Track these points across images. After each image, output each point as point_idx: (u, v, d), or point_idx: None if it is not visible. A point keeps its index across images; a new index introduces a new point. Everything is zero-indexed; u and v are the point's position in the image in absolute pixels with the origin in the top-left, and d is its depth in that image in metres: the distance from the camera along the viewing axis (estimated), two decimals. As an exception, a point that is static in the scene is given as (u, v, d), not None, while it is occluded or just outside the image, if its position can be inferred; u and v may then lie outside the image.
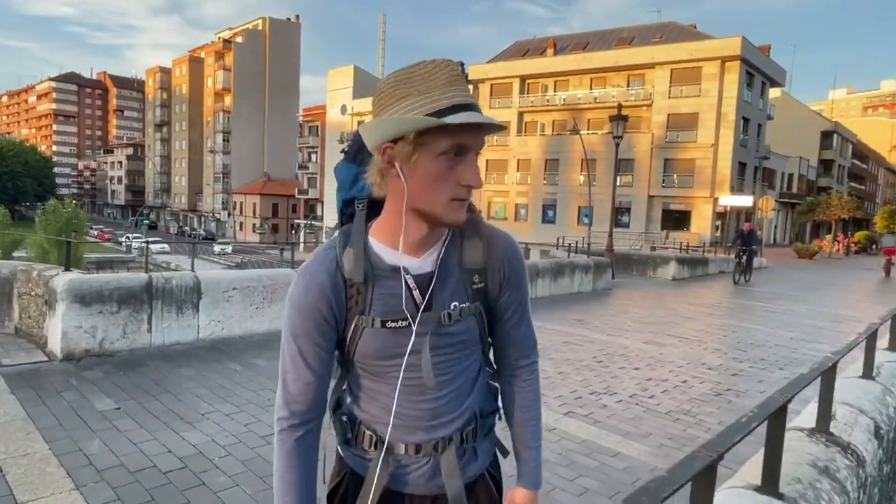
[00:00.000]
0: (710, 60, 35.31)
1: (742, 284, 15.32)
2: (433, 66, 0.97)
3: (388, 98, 0.98)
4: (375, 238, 1.08)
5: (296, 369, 1.07)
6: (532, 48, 45.81)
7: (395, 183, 1.01)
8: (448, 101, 0.95)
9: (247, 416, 3.83)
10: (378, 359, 1.08)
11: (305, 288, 1.05)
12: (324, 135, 58.12)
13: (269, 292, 6.35)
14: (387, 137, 0.97)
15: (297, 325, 1.06)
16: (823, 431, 2.20)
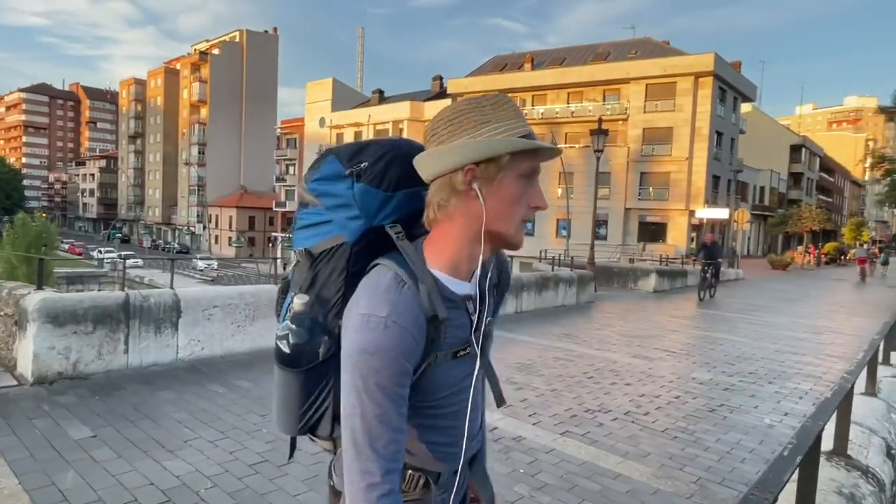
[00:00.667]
0: (684, 76, 36.08)
1: (707, 301, 14.15)
2: (498, 99, 1.02)
3: (463, 123, 0.99)
4: (434, 268, 1.03)
5: (388, 431, 0.96)
6: (510, 63, 46.30)
7: (468, 206, 1.00)
8: (524, 129, 1.00)
9: (232, 443, 3.65)
10: (446, 391, 1.05)
11: (399, 336, 0.95)
12: (302, 147, 57.76)
13: (252, 310, 6.15)
14: (475, 159, 0.97)
15: (386, 379, 0.94)
16: (842, 454, 2.13)
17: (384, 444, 0.95)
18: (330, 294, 1.08)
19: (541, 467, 3.60)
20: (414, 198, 1.07)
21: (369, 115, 49.93)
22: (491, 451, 3.81)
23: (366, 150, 1.08)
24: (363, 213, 1.06)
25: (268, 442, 3.70)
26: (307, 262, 1.09)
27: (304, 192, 1.13)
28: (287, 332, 1.06)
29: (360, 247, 1.07)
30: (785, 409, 5.21)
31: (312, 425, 1.11)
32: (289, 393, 1.10)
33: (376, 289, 0.98)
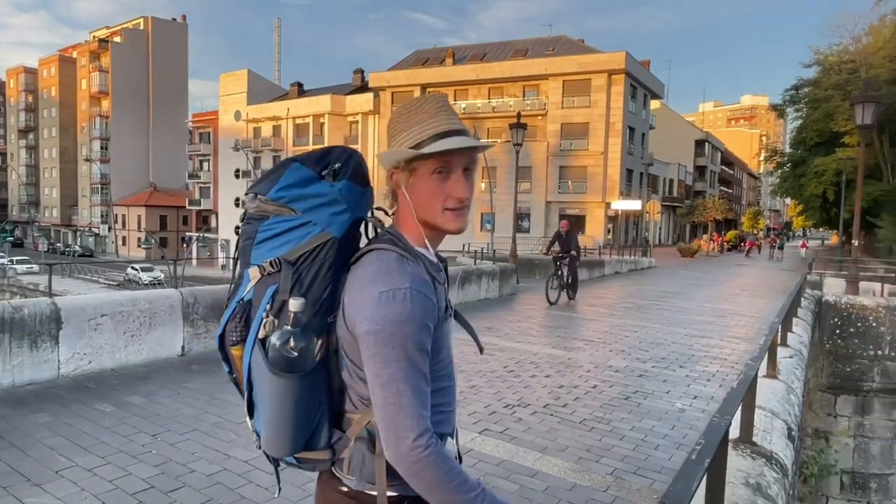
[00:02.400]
0: (598, 73, 37.48)
1: (563, 305, 11.02)
2: (422, 101, 1.16)
3: (390, 131, 1.18)
4: (415, 245, 1.17)
5: (426, 387, 1.07)
6: (432, 57, 46.24)
7: (403, 199, 1.17)
8: (434, 130, 1.13)
9: (113, 470, 3.24)
10: (444, 352, 1.16)
11: (424, 302, 1.07)
12: (216, 142, 55.00)
13: (148, 317, 5.63)
14: (390, 167, 1.16)
15: (421, 343, 1.06)
16: (748, 442, 2.12)
17: (424, 403, 1.05)
18: (317, 294, 1.13)
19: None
20: (372, 195, 1.23)
21: (288, 109, 48.32)
22: (406, 456, 3.62)
23: (330, 154, 1.18)
24: (349, 207, 1.17)
25: (156, 465, 3.33)
26: (288, 271, 1.12)
27: (265, 203, 1.16)
28: (289, 336, 1.08)
29: (341, 239, 1.17)
30: (694, 392, 5.39)
31: (312, 437, 1.15)
32: (291, 403, 1.11)
33: (388, 267, 1.08)
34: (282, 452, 1.17)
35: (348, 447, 1.16)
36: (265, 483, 3.19)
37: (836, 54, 33.38)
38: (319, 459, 1.19)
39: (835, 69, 32.55)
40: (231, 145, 51.15)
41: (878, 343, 8.90)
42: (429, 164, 1.12)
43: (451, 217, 1.15)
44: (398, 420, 1.03)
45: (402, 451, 1.03)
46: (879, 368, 8.81)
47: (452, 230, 1.16)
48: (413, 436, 1.03)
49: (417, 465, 1.03)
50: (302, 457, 1.19)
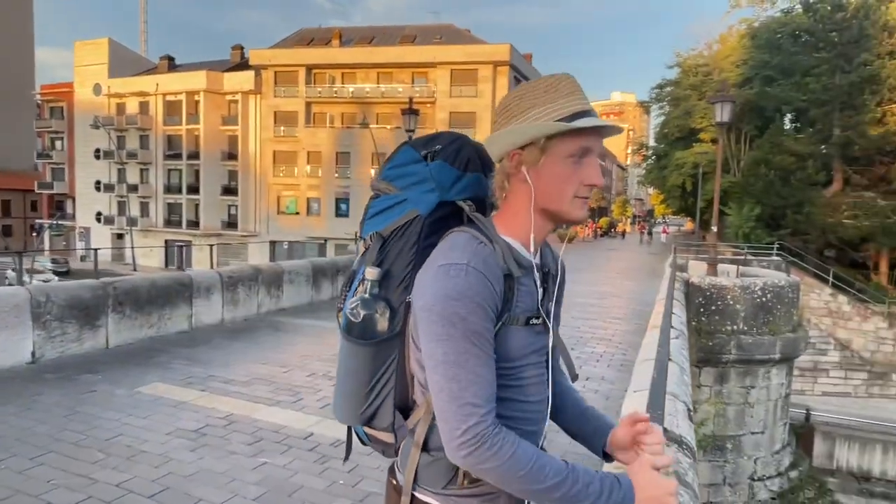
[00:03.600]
0: (484, 64, 38.27)
1: None
2: (555, 79, 1.08)
3: (514, 110, 1.08)
4: (506, 237, 1.08)
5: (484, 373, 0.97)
6: (318, 37, 44.50)
7: (521, 186, 1.07)
8: (572, 109, 1.05)
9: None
10: (519, 359, 1.05)
11: (481, 282, 0.98)
12: (71, 118, 48.93)
13: (-13, 320, 4.79)
14: (518, 144, 1.06)
15: (474, 324, 0.96)
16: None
17: (481, 387, 0.95)
18: (399, 268, 1.13)
19: (362, 473, 3.27)
20: (480, 183, 1.17)
21: (157, 84, 44.16)
22: (306, 464, 3.39)
23: (438, 138, 1.19)
24: (438, 187, 1.14)
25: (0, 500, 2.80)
26: (378, 244, 1.14)
27: (378, 182, 1.19)
28: (358, 303, 1.11)
29: (433, 220, 1.14)
30: (587, 373, 5.63)
31: (374, 412, 1.13)
32: (355, 370, 1.13)
33: (454, 245, 1.03)
34: (339, 416, 1.19)
35: (405, 438, 1.12)
36: (141, 508, 2.80)
37: (693, 58, 36.86)
38: (385, 442, 1.18)
39: (692, 71, 35.95)
40: (90, 122, 45.71)
41: (735, 319, 9.97)
42: (567, 144, 1.04)
43: (578, 205, 1.08)
44: (450, 408, 0.96)
45: (454, 444, 0.95)
46: (735, 342, 9.88)
47: (579, 219, 1.10)
48: (464, 426, 0.94)
49: (473, 459, 0.95)
50: (369, 433, 1.20)
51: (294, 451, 3.59)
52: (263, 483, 3.15)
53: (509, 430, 1.00)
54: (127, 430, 3.78)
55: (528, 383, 1.07)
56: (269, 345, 6.47)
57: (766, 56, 29.80)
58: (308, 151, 40.40)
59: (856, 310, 21.41)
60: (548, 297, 1.14)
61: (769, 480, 10.36)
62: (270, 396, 4.63)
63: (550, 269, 1.17)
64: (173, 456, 3.42)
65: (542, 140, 1.04)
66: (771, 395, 10.38)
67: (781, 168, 27.22)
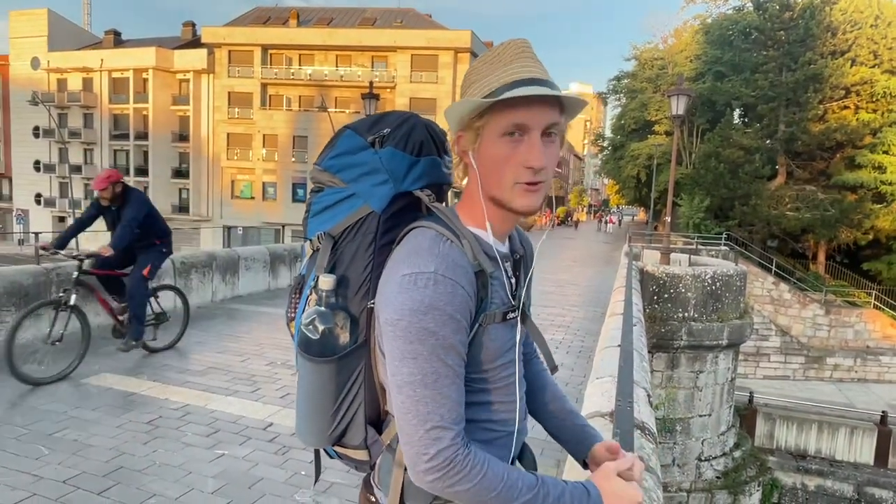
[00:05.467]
0: (445, 50, 38.02)
1: None
2: (502, 47, 0.97)
3: (464, 85, 1.00)
4: (472, 227, 0.99)
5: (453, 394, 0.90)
6: (273, 16, 43.17)
7: (471, 171, 0.99)
8: (507, 78, 0.92)
9: None
10: (495, 360, 0.98)
11: (452, 290, 0.89)
12: (6, 93, 46.03)
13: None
14: (454, 127, 0.98)
15: (444, 339, 0.88)
16: (621, 415, 2.19)
17: (449, 409, 0.89)
18: (356, 273, 1.03)
19: (325, 463, 3.22)
20: (436, 166, 1.08)
21: (102, 60, 41.97)
22: (266, 455, 3.32)
23: (384, 119, 1.07)
24: (391, 177, 1.03)
25: (-67, 500, 2.62)
26: (328, 246, 1.04)
27: (319, 172, 1.09)
28: (314, 317, 1.00)
29: (389, 215, 1.04)
30: (546, 360, 5.72)
31: (343, 430, 1.05)
32: (317, 390, 1.03)
33: (418, 248, 0.93)
34: (305, 440, 1.10)
35: (382, 454, 1.04)
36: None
37: (649, 51, 37.66)
38: (357, 459, 1.10)
39: (648, 64, 36.74)
40: (27, 98, 43.06)
41: (686, 306, 10.31)
42: (498, 121, 0.92)
43: (520, 192, 0.94)
44: (416, 432, 0.88)
45: (420, 469, 0.89)
46: (686, 328, 10.22)
47: (520, 209, 0.96)
48: (433, 450, 0.87)
49: (441, 483, 0.88)
50: (339, 451, 1.11)
51: (253, 441, 3.51)
52: (222, 476, 3.06)
53: (485, 441, 0.97)
54: (73, 423, 3.61)
55: (503, 384, 1.01)
56: (225, 333, 6.29)
57: (718, 52, 30.72)
58: (264, 134, 39.34)
59: (796, 297, 22.50)
60: (520, 285, 1.06)
61: (715, 461, 10.83)
62: (227, 386, 4.50)
63: (520, 253, 1.10)
64: (125, 449, 3.29)
65: (469, 120, 0.95)
66: (718, 380, 10.81)
67: (730, 161, 28.20)
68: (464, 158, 1.00)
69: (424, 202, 1.03)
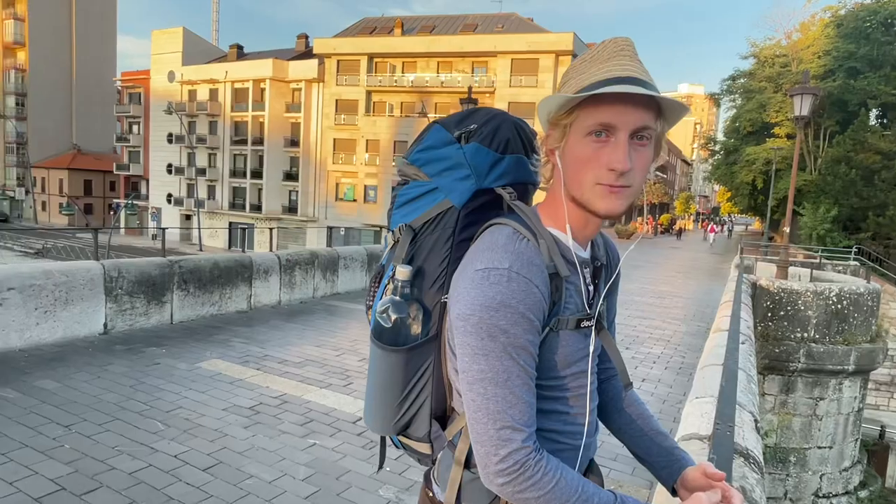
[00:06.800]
0: (546, 53, 37.50)
1: None
2: (602, 45, 0.94)
3: (561, 83, 0.97)
4: (552, 228, 0.97)
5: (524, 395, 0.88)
6: (379, 26, 44.90)
7: (556, 170, 0.97)
8: (600, 76, 0.88)
9: (14, 469, 2.84)
10: (566, 367, 0.96)
11: (525, 288, 0.88)
12: (147, 103, 51.59)
13: (65, 291, 5.09)
14: (543, 125, 0.97)
15: (516, 337, 0.87)
16: (722, 440, 2.00)
17: (521, 410, 0.87)
18: (433, 266, 1.04)
19: (409, 462, 3.26)
20: (522, 165, 1.07)
21: (226, 72, 45.81)
22: (354, 448, 3.41)
23: (473, 115, 1.07)
24: (474, 173, 1.03)
25: (69, 463, 2.95)
26: (407, 238, 1.05)
27: (405, 166, 1.10)
28: (388, 305, 1.02)
29: (468, 211, 1.03)
30: (642, 374, 5.43)
31: (408, 421, 1.06)
32: (386, 378, 1.04)
33: (493, 244, 0.92)
34: (371, 426, 1.11)
35: (443, 449, 1.04)
36: (196, 481, 2.89)
37: (770, 48, 34.79)
38: (420, 452, 1.10)
39: (768, 62, 33.95)
40: (164, 108, 48.05)
41: (805, 326, 9.36)
42: (585, 119, 0.90)
43: (601, 192, 0.91)
44: (487, 431, 0.87)
45: (491, 470, 0.87)
46: (805, 350, 9.28)
47: (601, 211, 0.92)
48: (503, 451, 0.86)
49: (511, 488, 0.86)
50: (404, 442, 1.12)
51: (343, 434, 3.62)
52: (312, 464, 3.19)
53: (550, 452, 0.92)
54: (186, 403, 3.93)
55: (573, 394, 0.98)
56: (324, 328, 6.58)
57: (853, 46, 27.78)
58: (367, 139, 40.96)
59: (942, 322, 19.78)
60: (598, 294, 1.03)
61: (835, 499, 9.74)
62: (322, 379, 4.70)
63: (602, 261, 1.06)
64: (228, 432, 3.52)
65: (561, 117, 0.92)
66: (842, 409, 9.73)
67: (864, 167, 25.38)
68: (550, 157, 0.98)
69: (505, 200, 1.02)
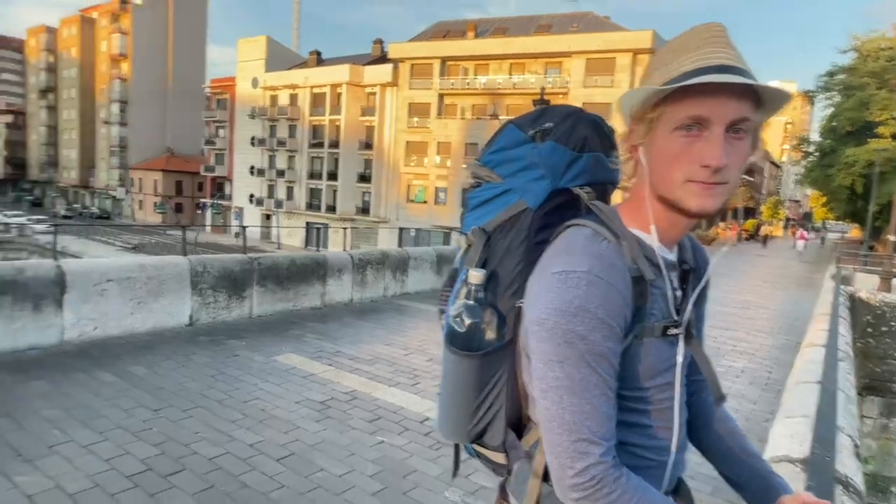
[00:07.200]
0: (623, 52, 36.39)
1: None
2: (692, 31, 0.87)
3: (643, 79, 0.91)
4: (635, 229, 0.92)
5: (602, 406, 0.83)
6: (453, 30, 45.24)
7: (640, 167, 0.91)
8: (690, 66, 0.82)
9: (110, 448, 3.05)
10: (651, 378, 0.90)
11: (605, 293, 0.83)
12: (233, 109, 54.61)
13: (156, 284, 5.44)
14: (625, 120, 0.91)
15: (595, 344, 0.82)
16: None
17: (599, 422, 0.82)
18: (507, 270, 1.00)
19: (475, 465, 3.20)
20: (600, 164, 1.02)
21: (306, 77, 47.71)
22: (421, 448, 3.41)
23: (548, 114, 1.04)
24: (549, 173, 1.00)
25: (156, 444, 3.13)
26: (481, 241, 1.02)
27: (478, 168, 1.08)
28: (462, 310, 0.99)
29: (544, 212, 1.00)
30: (723, 389, 5.11)
31: (483, 429, 1.02)
32: (460, 384, 1.01)
33: (571, 246, 0.89)
34: (444, 433, 1.08)
35: (519, 460, 1.00)
36: (270, 471, 2.98)
37: (875, 41, 32.04)
38: (494, 462, 1.07)
39: (872, 56, 31.28)
40: (248, 112, 50.79)
41: (912, 344, 8.53)
42: (674, 112, 0.84)
43: (693, 190, 0.84)
44: (562, 442, 0.83)
45: (565, 484, 0.83)
46: (911, 370, 8.46)
47: (693, 209, 0.85)
48: (580, 465, 0.81)
49: None
50: (478, 450, 1.08)
51: (410, 433, 3.64)
52: (380, 461, 3.22)
53: (633, 468, 0.87)
54: (262, 394, 4.08)
55: (659, 407, 0.92)
56: (393, 327, 6.67)
57: (973, 36, 25.08)
58: (438, 142, 41.36)
59: None
60: (686, 300, 0.96)
61: (945, 536, 8.78)
62: (390, 377, 4.75)
63: (690, 264, 0.99)
64: (300, 424, 3.63)
65: (646, 111, 0.86)
66: (955, 437, 8.76)
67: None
68: (633, 154, 0.92)
69: (583, 200, 0.99)
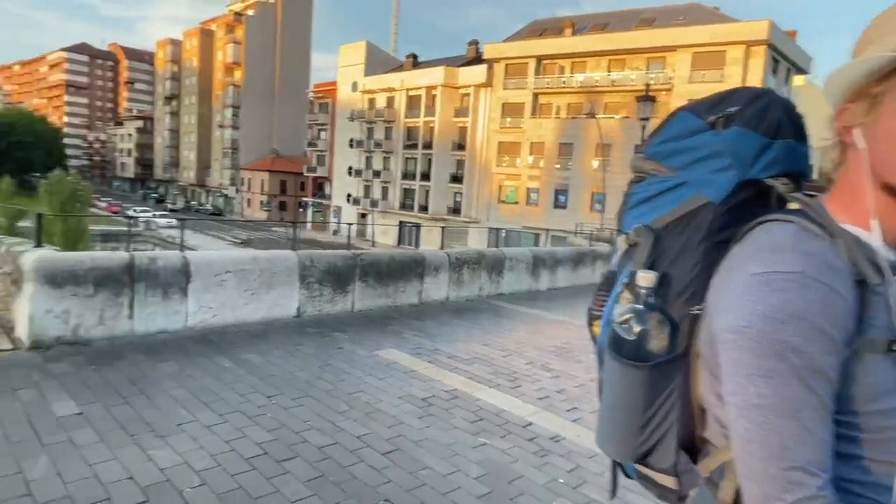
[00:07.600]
0: (735, 44, 34.08)
1: None
2: None
3: (857, 44, 0.79)
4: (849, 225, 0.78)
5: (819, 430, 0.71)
6: (549, 28, 44.53)
7: (855, 153, 0.78)
8: None
9: (230, 430, 3.22)
10: (870, 401, 0.74)
11: (824, 298, 0.71)
12: (334, 112, 57.20)
13: (267, 276, 5.73)
14: (836, 99, 0.79)
15: (811, 358, 0.70)
16: None
17: (814, 449, 0.70)
18: (681, 272, 0.90)
19: (584, 476, 3.08)
20: (794, 154, 0.90)
21: (402, 80, 48.93)
22: (525, 453, 3.30)
23: (732, 97, 0.92)
24: (736, 162, 0.88)
25: (270, 430, 3.26)
26: (648, 240, 0.93)
27: (641, 161, 0.99)
28: (630, 315, 0.89)
29: (728, 207, 0.88)
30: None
31: (650, 449, 0.92)
32: (625, 398, 0.92)
33: (774, 243, 0.77)
34: (605, 449, 1.00)
35: (696, 486, 0.89)
36: (377, 464, 3.00)
37: None
38: (661, 485, 0.96)
39: None
40: (347, 115, 52.95)
41: None
42: None
43: None
44: (766, 469, 0.71)
45: None
46: None
47: None
48: (789, 498, 0.69)
49: None
50: (641, 471, 0.99)
51: (513, 437, 3.54)
52: (483, 464, 3.15)
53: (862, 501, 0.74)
54: (366, 388, 4.16)
55: (883, 437, 0.76)
56: (490, 327, 6.60)
57: None
58: (531, 142, 40.86)
59: None
60: None
61: None
62: (490, 378, 4.68)
63: None
64: (403, 420, 3.64)
65: (868, 84, 0.74)
66: None
67: None
68: (845, 137, 0.79)
69: (778, 193, 0.88)
